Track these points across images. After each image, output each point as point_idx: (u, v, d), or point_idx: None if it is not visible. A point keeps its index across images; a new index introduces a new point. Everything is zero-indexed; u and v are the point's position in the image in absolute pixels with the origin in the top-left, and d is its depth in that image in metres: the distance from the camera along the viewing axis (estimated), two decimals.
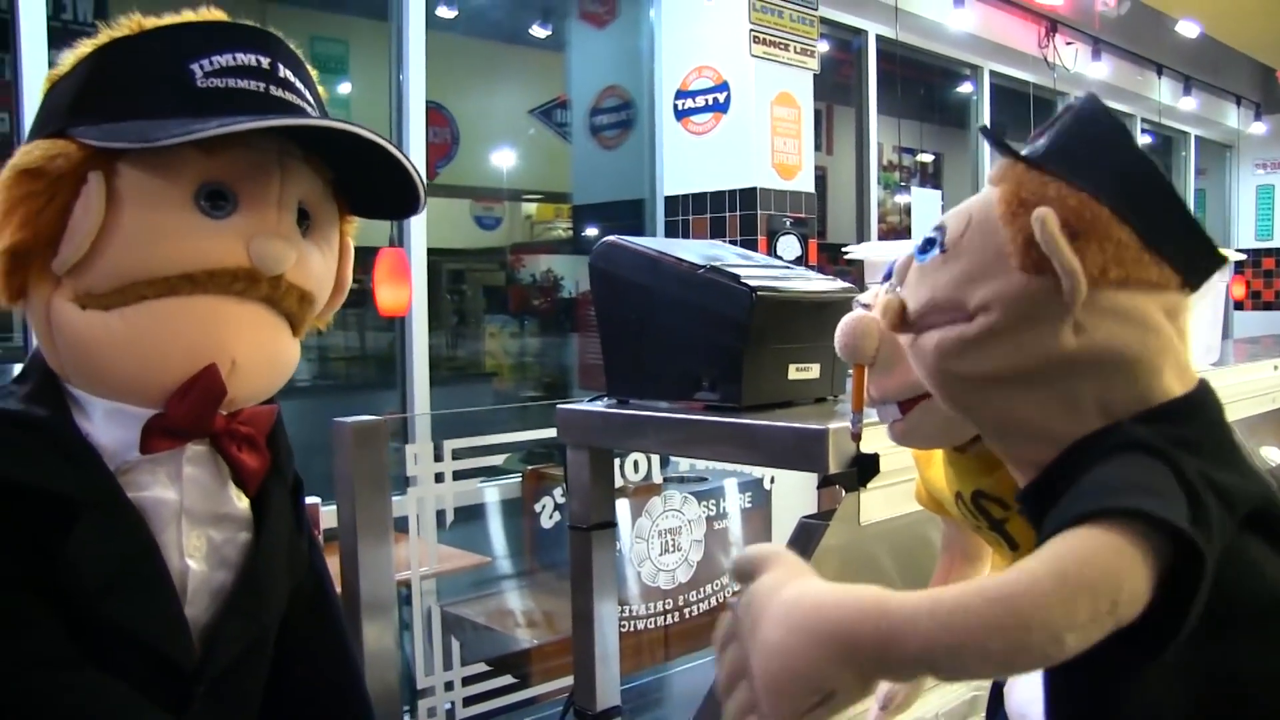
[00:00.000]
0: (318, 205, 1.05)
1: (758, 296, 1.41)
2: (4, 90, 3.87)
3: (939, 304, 0.89)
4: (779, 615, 0.72)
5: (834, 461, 1.30)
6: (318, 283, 1.06)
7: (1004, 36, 6.50)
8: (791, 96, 4.66)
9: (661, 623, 3.45)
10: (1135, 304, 0.84)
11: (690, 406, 1.50)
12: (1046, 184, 0.85)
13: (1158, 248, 0.84)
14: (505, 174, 7.37)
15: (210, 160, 0.95)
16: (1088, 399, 0.84)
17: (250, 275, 0.98)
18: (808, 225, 4.71)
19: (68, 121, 0.96)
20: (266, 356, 1.04)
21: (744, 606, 0.76)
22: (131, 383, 0.96)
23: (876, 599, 0.69)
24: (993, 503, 1.23)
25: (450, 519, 2.73)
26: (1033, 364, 0.84)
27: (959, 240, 0.89)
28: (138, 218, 0.94)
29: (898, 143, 7.01)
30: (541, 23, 5.68)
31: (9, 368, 4.30)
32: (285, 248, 0.99)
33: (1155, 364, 0.85)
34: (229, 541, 1.07)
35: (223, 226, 0.96)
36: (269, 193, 0.99)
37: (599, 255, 1.59)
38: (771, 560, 0.78)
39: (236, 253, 0.96)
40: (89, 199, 0.92)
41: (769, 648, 0.71)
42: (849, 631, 0.68)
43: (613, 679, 1.69)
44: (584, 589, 1.66)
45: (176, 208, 0.95)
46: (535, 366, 6.70)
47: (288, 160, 1.01)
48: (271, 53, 1.00)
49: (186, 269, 0.95)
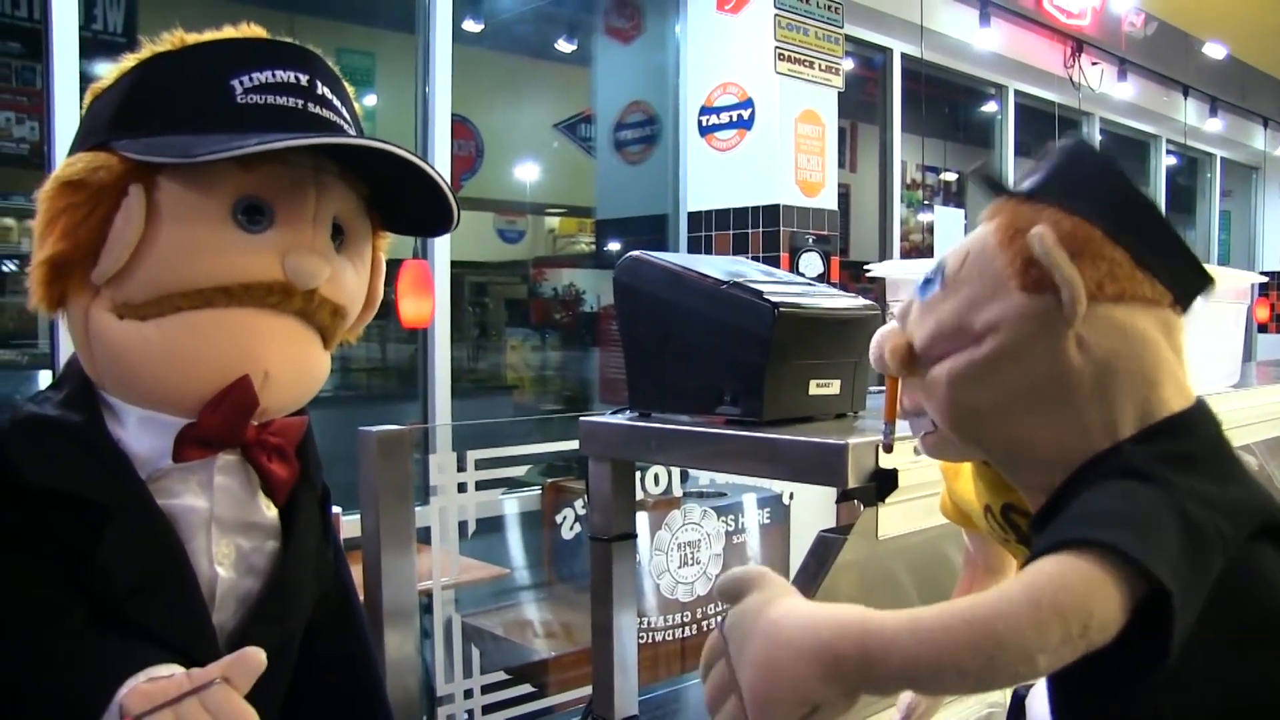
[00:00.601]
0: (352, 221, 1.07)
1: (780, 312, 1.42)
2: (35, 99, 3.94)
3: (945, 332, 0.92)
4: (766, 632, 0.75)
5: (853, 476, 1.31)
6: (350, 297, 1.08)
7: (1029, 56, 6.50)
8: (816, 114, 4.68)
9: (679, 635, 3.46)
10: (1132, 319, 0.87)
11: (711, 420, 1.52)
12: (1040, 210, 0.88)
13: (1149, 266, 0.87)
14: (528, 187, 7.40)
15: (248, 175, 0.97)
16: (1093, 417, 0.86)
17: (285, 289, 0.99)
18: (830, 242, 4.71)
19: (109, 135, 0.98)
20: (298, 369, 1.05)
21: (730, 625, 0.79)
22: (166, 392, 0.98)
23: (860, 617, 0.72)
24: (1023, 516, 1.23)
25: (472, 529, 2.75)
26: (1040, 383, 0.86)
27: (958, 273, 0.92)
28: (176, 231, 0.96)
29: (921, 161, 7.01)
30: (567, 37, 5.71)
31: (34, 374, 4.35)
32: (319, 263, 1.01)
33: (1154, 378, 0.87)
34: (257, 550, 1.09)
35: (259, 241, 0.98)
36: (305, 208, 1.01)
37: (623, 270, 1.61)
38: (757, 580, 0.81)
39: (272, 267, 0.98)
40: (129, 211, 0.94)
41: (756, 663, 0.75)
42: (833, 648, 0.71)
43: (631, 689, 1.70)
44: (604, 599, 1.67)
45: (214, 222, 0.96)
46: (556, 380, 6.71)
47: (324, 176, 1.02)
48: (310, 70, 1.02)
49: (222, 282, 0.96)
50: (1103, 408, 0.86)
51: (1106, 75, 6.96)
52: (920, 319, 0.96)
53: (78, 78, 3.14)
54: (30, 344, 4.40)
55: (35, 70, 3.97)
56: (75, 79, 3.14)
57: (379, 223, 1.13)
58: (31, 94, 4.02)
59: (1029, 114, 6.96)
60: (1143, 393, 0.86)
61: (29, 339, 4.41)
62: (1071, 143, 0.95)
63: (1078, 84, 6.74)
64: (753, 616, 0.77)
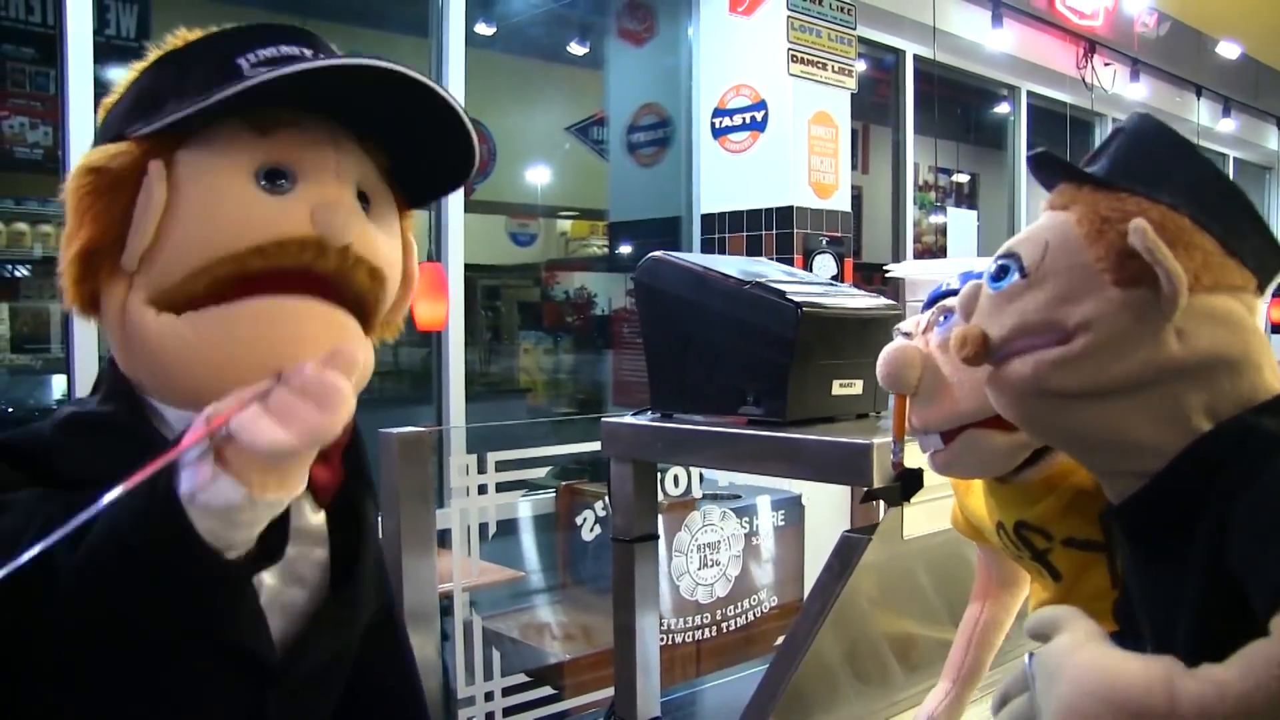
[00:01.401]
0: (375, 191, 1.05)
1: (804, 312, 1.42)
2: (49, 104, 3.96)
3: (1031, 327, 0.89)
4: (1075, 677, 0.76)
5: (878, 476, 1.30)
6: (386, 261, 1.04)
7: (1042, 57, 6.49)
8: (829, 115, 4.68)
9: (697, 637, 3.45)
10: (1228, 307, 0.86)
11: (734, 421, 1.51)
12: (1124, 200, 0.86)
13: (1236, 252, 0.87)
14: (540, 190, 7.41)
15: (267, 142, 0.96)
16: (1195, 405, 0.85)
17: (318, 244, 0.96)
18: (843, 244, 4.71)
19: (123, 126, 0.98)
20: None
21: (1039, 664, 0.81)
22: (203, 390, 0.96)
23: (1167, 676, 0.73)
24: (1035, 533, 1.22)
25: (493, 530, 2.76)
26: (1139, 375, 0.85)
27: (1040, 264, 0.90)
28: (200, 198, 0.94)
29: (934, 163, 7.01)
30: (580, 40, 5.72)
31: (48, 379, 4.37)
32: (349, 215, 0.98)
33: (1257, 362, 0.87)
34: (302, 557, 1.06)
35: (285, 199, 0.96)
36: (326, 167, 0.99)
37: (644, 270, 1.61)
38: (1068, 621, 0.83)
39: (301, 222, 0.96)
40: (150, 185, 0.93)
41: (1063, 706, 0.76)
42: (1140, 705, 0.72)
43: (654, 690, 1.70)
44: (626, 600, 1.67)
45: (237, 186, 0.95)
46: (569, 383, 6.72)
47: (341, 140, 1.01)
48: (314, 45, 1.01)
49: (254, 241, 0.94)
50: (1207, 393, 0.85)
51: (1119, 76, 6.95)
52: (995, 310, 0.93)
53: (92, 82, 3.15)
54: (43, 349, 4.41)
55: (49, 75, 3.99)
56: (89, 84, 3.16)
57: (404, 201, 1.12)
58: (45, 99, 4.03)
59: (1041, 115, 6.95)
60: (1248, 377, 0.86)
61: (42, 343, 4.42)
62: (1139, 120, 0.93)
63: (1090, 85, 6.72)
64: (1063, 657, 0.79)
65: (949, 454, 1.14)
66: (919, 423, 1.16)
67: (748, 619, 3.63)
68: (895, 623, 1.67)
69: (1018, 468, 1.16)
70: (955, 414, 1.11)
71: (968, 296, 0.97)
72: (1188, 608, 0.84)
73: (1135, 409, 0.86)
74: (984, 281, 0.95)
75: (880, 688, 1.65)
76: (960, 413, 1.11)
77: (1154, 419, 0.86)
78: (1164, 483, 0.86)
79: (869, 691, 1.63)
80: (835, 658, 1.53)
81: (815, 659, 1.42)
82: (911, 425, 1.18)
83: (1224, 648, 0.76)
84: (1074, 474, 1.17)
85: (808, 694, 1.49)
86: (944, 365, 1.13)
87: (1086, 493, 1.16)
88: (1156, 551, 0.89)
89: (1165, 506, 0.86)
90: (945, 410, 1.12)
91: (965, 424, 1.11)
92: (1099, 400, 0.87)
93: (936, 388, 1.13)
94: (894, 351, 1.15)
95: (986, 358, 0.93)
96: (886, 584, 1.60)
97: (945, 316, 1.16)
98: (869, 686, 1.63)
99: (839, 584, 1.38)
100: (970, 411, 1.10)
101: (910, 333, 1.21)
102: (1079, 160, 0.95)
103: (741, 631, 3.61)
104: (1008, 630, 1.48)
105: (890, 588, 1.62)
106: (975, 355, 0.93)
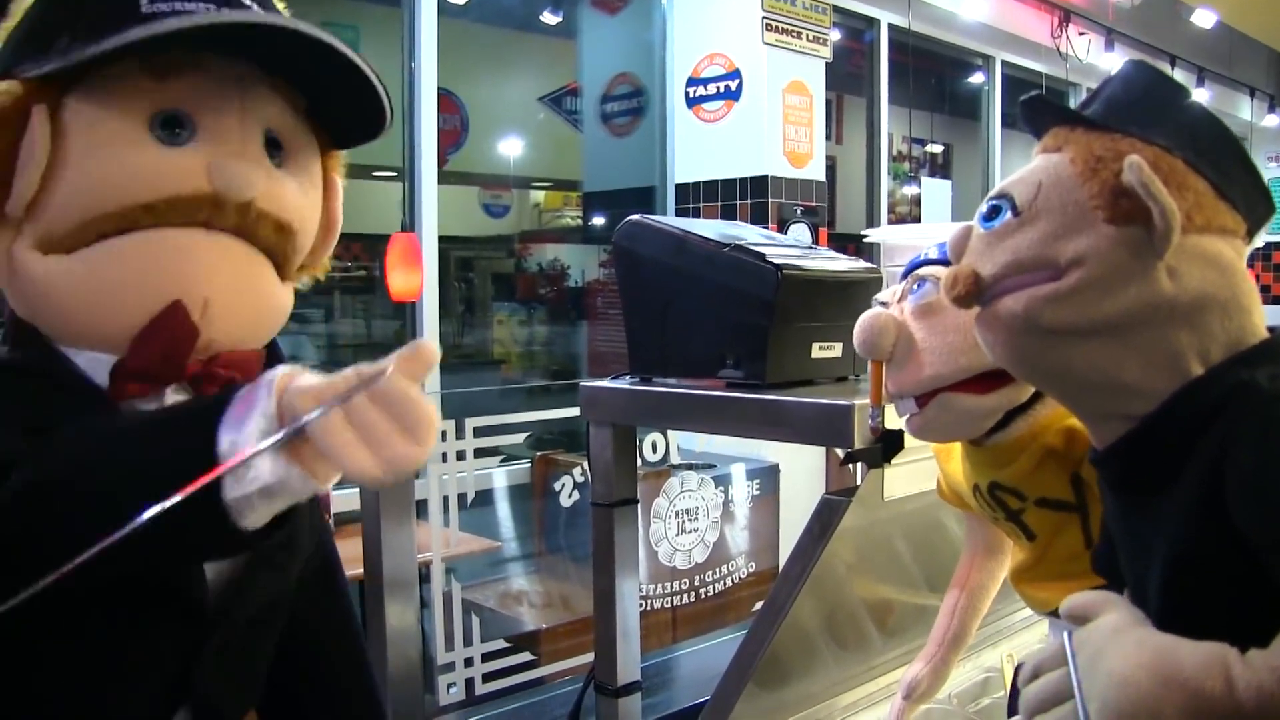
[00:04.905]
0: (290, 135, 0.99)
1: (783, 275, 1.42)
2: None
3: (1024, 264, 0.89)
4: (1128, 652, 0.77)
5: (859, 437, 1.31)
6: (296, 213, 0.99)
7: (1017, 26, 6.48)
8: (804, 85, 4.66)
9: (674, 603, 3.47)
10: (1217, 248, 0.86)
11: (713, 384, 1.51)
12: (1118, 140, 0.87)
13: (1228, 195, 0.87)
14: (513, 161, 7.37)
15: (163, 87, 0.91)
16: (1185, 346, 0.85)
17: (214, 201, 0.91)
18: (818, 214, 4.71)
19: (12, 62, 0.92)
20: (246, 296, 0.97)
21: (1082, 641, 0.82)
22: (95, 327, 0.91)
23: (1223, 659, 0.74)
24: (1008, 494, 1.25)
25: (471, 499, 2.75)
26: (1131, 312, 0.85)
27: (1033, 203, 0.89)
28: (89, 149, 0.89)
29: (908, 133, 7.00)
30: (553, 9, 5.65)
31: None
32: (250, 169, 0.93)
33: (1245, 304, 0.87)
34: None
35: (181, 153, 0.91)
36: (228, 116, 0.93)
37: (623, 234, 1.60)
38: (1110, 604, 0.84)
39: (197, 177, 0.91)
40: (32, 133, 0.88)
41: (1114, 679, 0.76)
42: (1198, 683, 0.73)
43: (634, 656, 1.70)
44: (606, 566, 1.66)
45: (130, 136, 0.90)
46: (543, 354, 6.71)
47: (249, 84, 0.95)
48: None
49: (145, 199, 0.89)
50: (1197, 335, 0.85)
51: (1094, 45, 6.95)
52: (987, 248, 0.92)
53: None
54: None
55: None
56: None
57: (328, 142, 1.06)
58: None
59: (1016, 85, 6.94)
60: (1237, 320, 0.86)
61: None
62: (1134, 66, 0.93)
63: (1065, 54, 6.73)
64: (1110, 635, 0.80)
65: (923, 418, 1.18)
66: (894, 387, 1.20)
67: (725, 585, 3.65)
68: (873, 588, 1.67)
69: (991, 430, 1.19)
70: (928, 378, 1.15)
71: (958, 238, 0.97)
72: (1159, 555, 0.85)
73: (1126, 349, 0.86)
74: (975, 223, 0.95)
75: (858, 652, 1.65)
76: (933, 376, 1.14)
77: (1145, 360, 0.86)
78: (1153, 427, 0.86)
79: (846, 656, 1.63)
80: (814, 622, 1.54)
81: (794, 623, 1.42)
82: (887, 390, 1.21)
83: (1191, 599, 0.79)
84: (1044, 435, 1.19)
85: (786, 659, 1.49)
86: (917, 331, 1.16)
87: (1057, 453, 1.19)
88: (1137, 501, 0.90)
89: (1152, 452, 0.86)
90: (919, 374, 1.15)
91: (939, 388, 1.15)
92: (1090, 339, 0.87)
93: (910, 353, 1.16)
94: (869, 319, 1.19)
95: (978, 297, 0.93)
96: (864, 549, 1.60)
97: (919, 284, 1.19)
98: (847, 651, 1.64)
99: (818, 547, 1.38)
100: (943, 375, 1.14)
101: (887, 302, 1.23)
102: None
103: (719, 598, 3.63)
104: (993, 595, 1.49)
105: (868, 553, 1.62)
106: (966, 294, 0.93)
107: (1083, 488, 1.18)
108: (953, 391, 1.14)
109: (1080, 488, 1.19)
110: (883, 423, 1.27)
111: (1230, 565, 0.78)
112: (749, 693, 1.41)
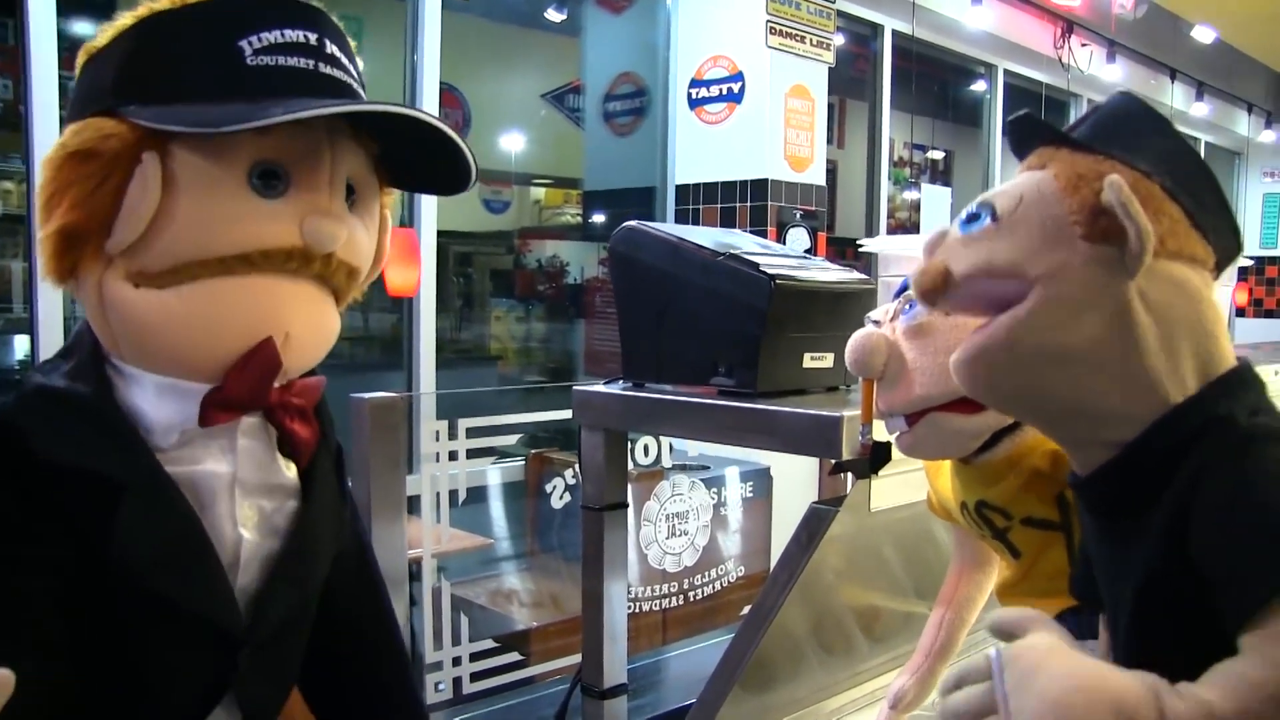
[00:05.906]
0: (362, 180, 1.06)
1: (776, 285, 1.43)
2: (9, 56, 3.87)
3: (996, 269, 0.89)
4: (1061, 674, 0.77)
5: (848, 448, 1.32)
6: (364, 258, 1.07)
7: (1020, 36, 6.50)
8: (806, 89, 4.67)
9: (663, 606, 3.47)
10: (1186, 275, 0.88)
11: (704, 391, 1.52)
12: (1100, 161, 0.88)
13: (1201, 225, 0.88)
14: (514, 158, 7.36)
15: (263, 140, 0.95)
16: (1161, 369, 0.86)
17: (303, 255, 0.99)
18: (817, 218, 4.71)
19: (115, 100, 0.96)
20: (317, 329, 1.05)
21: (1011, 657, 0.81)
22: (189, 359, 0.98)
23: (1154, 691, 0.75)
24: (995, 512, 1.26)
25: (463, 497, 2.75)
26: (1103, 337, 0.85)
27: (1013, 213, 0.90)
28: (193, 199, 0.94)
29: (909, 139, 7.01)
30: (557, 7, 5.66)
31: (10, 339, 4.31)
32: (337, 227, 1.00)
33: (1214, 332, 0.88)
34: (279, 510, 1.09)
35: (276, 207, 0.97)
36: (321, 172, 1.00)
37: (619, 240, 1.61)
38: (1040, 622, 0.85)
39: (290, 233, 0.97)
40: (145, 181, 0.92)
41: (1047, 701, 0.76)
42: (1132, 711, 0.74)
43: (621, 658, 1.71)
44: (595, 569, 1.67)
45: (231, 189, 0.95)
46: (540, 352, 6.71)
47: (337, 138, 1.01)
48: (319, 28, 1.00)
49: (242, 250, 0.96)
50: (1169, 359, 0.86)
51: (1096, 57, 6.97)
52: (962, 248, 0.92)
53: (55, 34, 3.06)
54: (5, 308, 4.35)
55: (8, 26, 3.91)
56: (52, 35, 3.06)
57: (387, 180, 1.12)
58: (4, 50, 3.95)
59: (1017, 94, 6.95)
60: (1205, 346, 0.87)
61: (4, 303, 4.36)
62: (1123, 97, 0.94)
63: (1067, 65, 6.74)
64: (1043, 654, 0.80)
65: (913, 436, 1.19)
66: (885, 406, 1.21)
67: (714, 589, 3.65)
68: (860, 595, 1.68)
69: (979, 450, 1.21)
70: (919, 398, 1.16)
71: (933, 238, 0.97)
72: (1130, 584, 0.86)
73: (1103, 378, 0.87)
74: (954, 226, 0.96)
75: (844, 658, 1.67)
76: (923, 396, 1.15)
77: (1122, 388, 0.86)
78: (1133, 454, 0.87)
79: (833, 662, 1.65)
80: (801, 628, 1.55)
81: (781, 628, 1.44)
82: (878, 409, 1.23)
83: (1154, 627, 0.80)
84: (1030, 456, 1.21)
85: (772, 663, 1.50)
86: (909, 351, 1.17)
87: (1043, 475, 1.20)
88: (1116, 526, 0.91)
89: (1131, 479, 0.87)
90: (909, 394, 1.16)
91: (928, 407, 1.16)
92: (1064, 364, 0.87)
93: (901, 373, 1.17)
94: (861, 338, 1.20)
95: (944, 293, 0.93)
96: (852, 556, 1.61)
97: (910, 305, 1.19)
98: (833, 656, 1.65)
99: (806, 555, 1.39)
100: (933, 395, 1.15)
101: (879, 321, 1.24)
102: None
103: (708, 601, 3.63)
104: (981, 608, 1.50)
105: (856, 560, 1.63)
106: (933, 288, 0.93)
107: (1068, 508, 1.20)
108: (942, 411, 1.15)
109: (1065, 508, 1.20)
110: (871, 440, 1.29)
111: (1189, 596, 0.79)
112: (735, 696, 1.42)
